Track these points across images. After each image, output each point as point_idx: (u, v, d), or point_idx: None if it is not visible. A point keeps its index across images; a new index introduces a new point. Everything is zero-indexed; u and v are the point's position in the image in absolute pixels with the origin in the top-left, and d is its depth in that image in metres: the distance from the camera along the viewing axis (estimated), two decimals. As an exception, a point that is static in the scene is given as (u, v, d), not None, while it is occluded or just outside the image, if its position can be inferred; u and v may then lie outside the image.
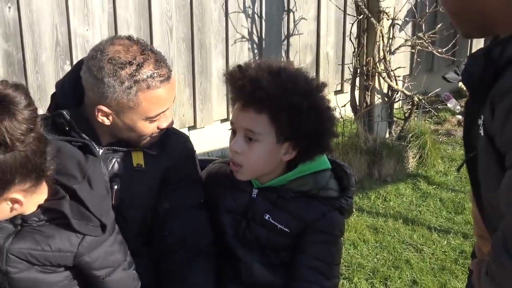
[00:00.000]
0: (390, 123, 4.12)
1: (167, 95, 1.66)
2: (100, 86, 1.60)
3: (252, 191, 1.72)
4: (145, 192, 1.74)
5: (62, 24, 3.37)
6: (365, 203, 3.57)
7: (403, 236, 3.27)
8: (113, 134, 1.72)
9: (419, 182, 3.80)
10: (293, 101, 1.58)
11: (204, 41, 3.86)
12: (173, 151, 1.77)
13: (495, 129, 1.24)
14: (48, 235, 1.55)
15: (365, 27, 3.87)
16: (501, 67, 1.24)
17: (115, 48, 1.61)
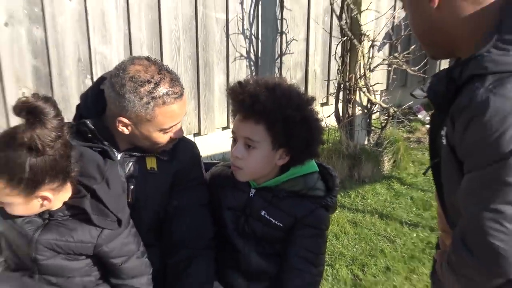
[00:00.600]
0: (368, 132, 4.12)
1: (180, 110, 1.66)
2: (121, 100, 1.60)
3: (250, 191, 1.73)
4: (157, 192, 1.73)
5: (83, 43, 3.37)
6: (346, 201, 3.57)
7: (379, 229, 3.27)
8: (130, 142, 1.72)
9: (393, 182, 3.81)
10: (287, 113, 1.59)
11: (207, 59, 3.86)
12: (182, 156, 1.77)
13: (456, 141, 1.24)
14: (71, 228, 1.56)
15: (348, 48, 3.87)
16: (460, 85, 1.25)
17: (136, 67, 1.61)
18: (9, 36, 3.12)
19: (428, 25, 1.33)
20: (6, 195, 1.45)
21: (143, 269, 1.66)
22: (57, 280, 1.61)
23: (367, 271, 2.89)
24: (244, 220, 1.73)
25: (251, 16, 3.98)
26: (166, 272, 1.74)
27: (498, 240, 1.17)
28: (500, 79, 1.18)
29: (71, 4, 3.28)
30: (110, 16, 3.42)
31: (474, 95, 1.18)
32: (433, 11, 1.30)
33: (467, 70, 1.23)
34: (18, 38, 3.15)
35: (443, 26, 1.31)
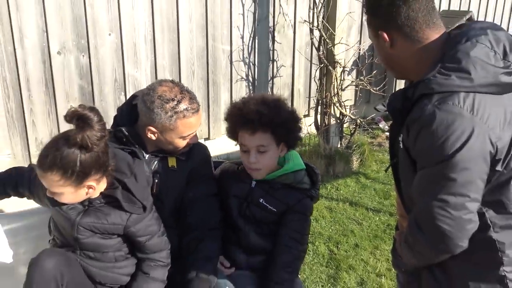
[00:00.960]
0: (341, 137, 4.12)
1: (196, 122, 1.68)
2: (151, 113, 1.61)
3: (252, 183, 1.73)
4: (176, 185, 1.74)
5: (119, 68, 3.37)
6: (324, 191, 3.57)
7: (349, 214, 3.27)
8: (156, 146, 1.72)
9: (360, 177, 3.81)
10: (284, 118, 1.67)
11: (216, 80, 3.86)
12: (196, 157, 1.77)
13: (410, 145, 1.25)
14: (106, 213, 1.56)
15: (324, 72, 3.88)
16: (413, 102, 1.25)
17: (163, 88, 1.62)
18: (61, 62, 3.12)
19: (386, 57, 1.34)
20: (60, 186, 1.45)
21: (163, 245, 1.65)
22: (95, 255, 1.60)
23: (341, 247, 2.89)
24: (246, 206, 1.73)
25: (249, 47, 4.00)
26: (182, 248, 1.74)
27: (445, 224, 1.17)
28: (443, 97, 1.19)
29: (110, 38, 3.28)
30: (140, 47, 3.43)
31: (424, 109, 1.19)
32: (388, 48, 1.31)
33: (418, 90, 1.24)
34: (68, 64, 3.15)
35: (397, 59, 1.32)
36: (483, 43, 1.23)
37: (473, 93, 1.18)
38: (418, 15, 1.27)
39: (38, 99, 3.08)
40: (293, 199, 1.71)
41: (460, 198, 1.16)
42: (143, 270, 1.64)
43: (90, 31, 3.17)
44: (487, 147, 1.17)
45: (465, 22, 1.32)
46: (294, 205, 1.70)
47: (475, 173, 1.17)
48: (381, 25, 1.30)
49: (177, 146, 1.70)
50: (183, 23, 3.55)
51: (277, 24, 4.06)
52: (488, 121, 1.17)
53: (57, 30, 3.04)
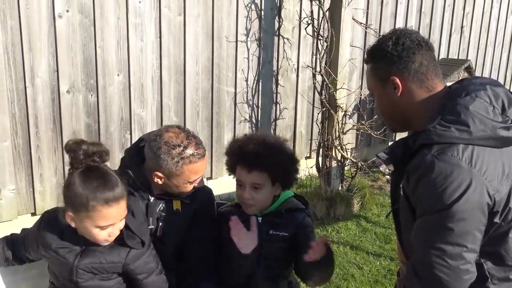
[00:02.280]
0: (342, 180, 4.11)
1: (202, 167, 1.68)
2: (157, 159, 1.61)
3: (258, 219, 1.74)
4: (180, 228, 1.74)
5: (125, 107, 3.41)
6: (324, 234, 3.52)
7: (350, 257, 3.23)
8: (161, 189, 1.72)
9: (360, 220, 3.78)
10: (282, 160, 1.69)
11: (219, 121, 3.89)
12: (200, 200, 1.78)
13: (410, 192, 1.26)
14: (104, 252, 1.53)
15: (326, 116, 3.91)
16: (414, 151, 1.28)
17: (169, 134, 1.63)
18: (69, 101, 3.17)
19: (391, 105, 1.37)
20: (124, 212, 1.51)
21: (161, 284, 1.62)
22: None
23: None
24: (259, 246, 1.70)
25: (253, 90, 4.04)
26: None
27: (442, 273, 1.17)
28: (442, 148, 1.22)
29: (118, 78, 3.34)
30: (147, 88, 3.48)
31: (423, 159, 1.21)
32: (396, 97, 1.34)
33: (418, 140, 1.26)
34: (76, 102, 3.19)
35: (402, 107, 1.35)
36: (482, 98, 1.26)
37: (471, 146, 1.21)
38: (429, 64, 1.32)
39: (45, 135, 3.12)
40: (298, 218, 1.75)
41: (457, 248, 1.17)
42: None
43: (99, 72, 3.23)
44: (484, 199, 1.18)
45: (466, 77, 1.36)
46: (301, 222, 1.74)
47: (473, 224, 1.17)
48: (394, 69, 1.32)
49: (184, 190, 1.70)
50: (190, 65, 3.62)
51: (281, 68, 4.13)
52: (486, 173, 1.19)
53: (68, 70, 3.12)
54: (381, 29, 4.62)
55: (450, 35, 5.34)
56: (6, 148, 2.99)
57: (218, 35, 3.72)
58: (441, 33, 5.25)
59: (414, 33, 1.35)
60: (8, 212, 3.07)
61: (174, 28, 3.50)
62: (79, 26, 3.11)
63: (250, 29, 3.88)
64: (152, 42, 3.42)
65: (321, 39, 3.80)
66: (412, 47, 1.32)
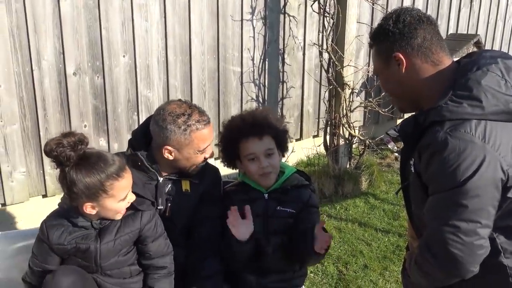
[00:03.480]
0: (349, 158, 4.10)
1: (209, 134, 1.71)
2: (164, 132, 1.63)
3: (264, 196, 1.77)
4: (189, 208, 1.76)
5: (132, 88, 3.40)
6: (332, 212, 3.54)
7: (358, 234, 3.24)
8: (172, 167, 1.72)
9: (369, 198, 3.78)
10: (282, 126, 1.79)
11: (226, 101, 3.88)
12: (208, 179, 1.80)
13: (422, 169, 1.25)
14: (119, 226, 1.58)
15: (333, 94, 3.88)
16: (425, 128, 1.26)
17: (171, 106, 1.66)
18: (76, 83, 3.17)
19: (399, 85, 1.34)
20: None
21: (166, 250, 1.66)
22: (112, 272, 1.60)
23: (350, 268, 2.86)
24: (266, 222, 1.73)
25: (260, 69, 4.03)
26: (187, 266, 1.74)
27: (456, 249, 1.16)
28: (455, 124, 1.20)
29: (124, 59, 3.33)
30: (153, 68, 3.46)
31: (436, 136, 1.20)
32: (402, 74, 1.32)
33: (429, 116, 1.25)
34: (83, 84, 3.19)
35: (409, 84, 1.33)
36: (494, 72, 1.23)
37: (484, 121, 1.19)
38: (433, 38, 1.30)
39: (53, 118, 3.13)
40: (305, 195, 1.77)
41: (471, 224, 1.16)
42: (148, 285, 1.64)
43: (105, 53, 3.22)
44: (498, 175, 1.17)
45: (475, 51, 1.32)
46: (308, 200, 1.77)
47: (486, 200, 1.16)
48: (396, 47, 1.31)
49: (196, 161, 1.71)
50: (195, 45, 3.60)
51: (287, 46, 4.09)
52: (500, 148, 1.17)
53: (73, 52, 3.10)
54: (389, 5, 4.53)
55: (459, 10, 5.22)
56: (15, 131, 3.01)
57: (223, 14, 3.67)
58: (450, 8, 5.13)
59: (415, 10, 1.34)
60: (20, 194, 3.10)
61: (179, 7, 3.46)
62: (83, 7, 3.08)
63: (255, 7, 3.82)
64: (157, 22, 3.39)
65: (327, 16, 3.74)
66: (413, 23, 1.29)
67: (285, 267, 1.75)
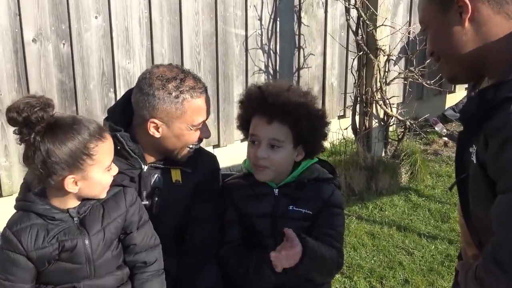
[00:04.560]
0: (385, 144, 4.09)
1: (206, 105, 1.70)
2: (151, 100, 1.63)
3: (274, 191, 1.74)
4: (180, 203, 1.77)
5: (107, 58, 3.38)
6: (364, 212, 3.53)
7: (397, 241, 3.23)
8: (158, 150, 1.73)
9: (410, 194, 3.76)
10: (310, 111, 1.69)
11: (227, 73, 3.86)
12: (203, 169, 1.80)
13: (488, 159, 1.20)
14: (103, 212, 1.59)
15: (364, 62, 3.85)
16: (495, 106, 1.19)
17: (161, 69, 1.66)
18: (36, 52, 3.15)
19: (457, 42, 1.27)
20: None
21: (154, 242, 1.67)
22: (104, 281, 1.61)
23: (386, 284, 2.84)
24: (274, 224, 1.73)
25: (269, 32, 3.99)
26: (179, 273, 1.76)
27: None
28: None
29: (96, 21, 3.30)
30: (133, 32, 3.44)
31: (509, 118, 1.14)
32: (464, 28, 1.25)
33: (501, 92, 1.19)
34: (45, 54, 3.17)
35: (473, 42, 1.25)
36: None
37: None
38: None
39: (9, 97, 3.10)
40: (326, 192, 1.75)
41: None
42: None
43: (73, 14, 3.19)
44: None
45: None
46: (329, 198, 1.74)
47: None
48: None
49: (188, 141, 1.71)
50: (187, 2, 3.56)
51: (304, 2, 4.05)
52: None
53: (33, 13, 3.07)
54: None
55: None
56: (-39, 114, 3.00)
57: (222, -39, 3.66)
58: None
59: None
60: (-31, 194, 3.10)
61: (165, -47, 3.45)
62: (42, -46, 3.06)
63: (263, -48, 3.81)
64: (137, -28, 3.37)
65: (356, -39, 3.71)
66: None
67: (302, 283, 1.72)
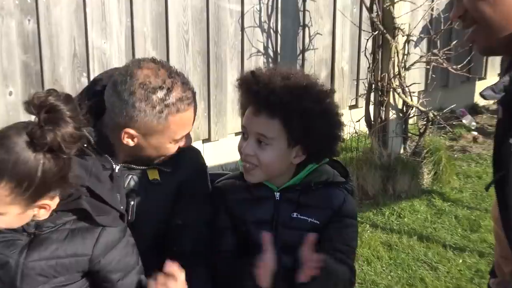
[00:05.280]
0: (404, 139, 4.07)
1: (191, 118, 1.73)
2: (130, 110, 1.64)
3: (275, 195, 1.74)
4: (160, 205, 1.77)
5: (80, 37, 3.38)
6: (379, 219, 3.52)
7: (418, 253, 3.22)
8: (132, 153, 1.74)
9: (434, 198, 3.76)
10: (305, 105, 1.64)
11: (219, 55, 3.87)
12: (186, 167, 1.80)
13: None
14: (62, 240, 1.53)
15: (380, 43, 3.84)
16: None
17: (144, 72, 1.65)
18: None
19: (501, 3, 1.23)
20: (5, 204, 1.43)
21: None
22: None
23: (405, 303, 2.84)
24: (275, 233, 1.72)
25: (269, 8, 4.00)
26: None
27: None
28: None
29: (66, -7, 3.30)
30: (110, 7, 3.44)
31: None
32: None
33: None
34: (8, 32, 3.15)
35: None
36: None
37: None
38: None
39: (-37, 82, 3.10)
40: (337, 199, 1.75)
41: None
42: None
43: (38, -16, 3.18)
44: None
45: None
46: (341, 207, 1.74)
47: None
48: None
49: (165, 153, 1.74)
50: (173, -29, 3.57)
51: (311, -28, 4.06)
52: None
53: (-10, -18, 3.06)
54: None
55: None
56: None
57: None
58: None
59: None
60: None
61: None
62: None
63: None
64: None
65: None
66: None
67: None
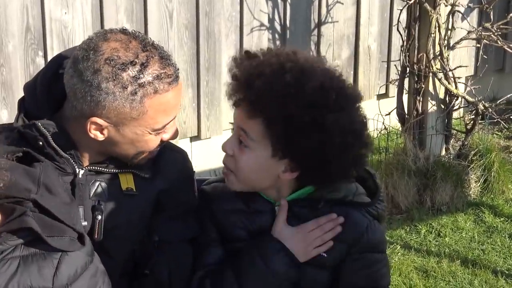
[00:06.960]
0: (447, 137, 4.09)
1: (176, 101, 1.70)
2: (95, 93, 1.62)
3: (274, 208, 1.74)
4: (135, 221, 1.78)
5: (34, 6, 3.39)
6: (414, 239, 3.54)
7: (461, 281, 3.23)
8: (101, 151, 1.74)
9: (483, 213, 3.75)
10: (290, 112, 1.60)
11: (212, 29, 3.86)
12: (169, 172, 1.82)
13: None
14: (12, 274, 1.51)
15: (417, 15, 3.85)
16: None
17: (111, 45, 1.63)
18: None
19: None
20: None
21: None
22: None
23: None
24: None
25: (276, -32, 4.01)
26: None
27: None
28: None
29: (17, -50, 3.32)
30: (73, -33, 3.45)
31: None
32: None
33: None
34: None
35: None
36: None
37: None
38: None
39: None
40: (357, 227, 1.71)
41: None
42: None
43: None
44: None
45: None
46: (359, 239, 1.70)
47: None
48: None
49: (144, 148, 1.73)
50: None
51: None
52: None
53: None
54: None
55: None
56: None
57: None
58: None
59: None
60: None
61: None
62: None
63: None
64: None
65: None
66: None
67: None
